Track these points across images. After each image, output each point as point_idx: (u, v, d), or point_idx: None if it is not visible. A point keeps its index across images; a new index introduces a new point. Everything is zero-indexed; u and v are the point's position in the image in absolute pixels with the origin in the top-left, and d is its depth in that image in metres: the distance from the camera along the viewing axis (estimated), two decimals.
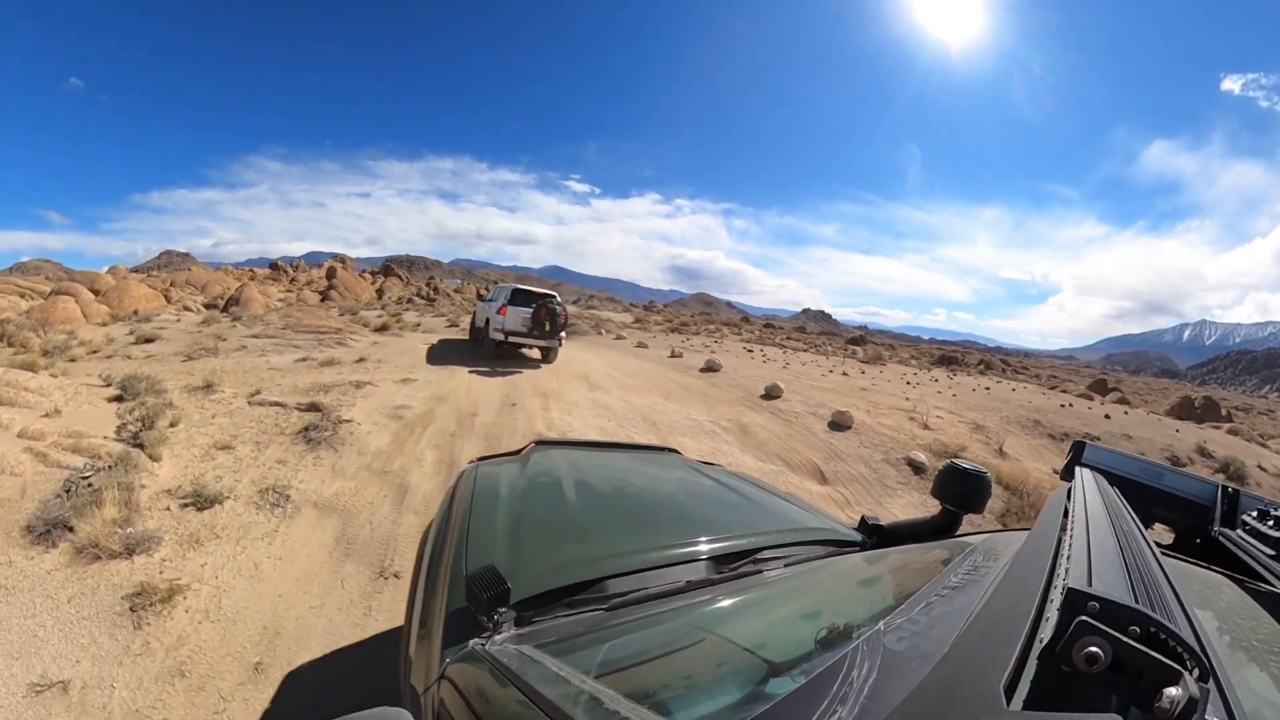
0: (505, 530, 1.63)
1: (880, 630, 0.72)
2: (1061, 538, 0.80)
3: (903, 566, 1.41)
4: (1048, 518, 0.98)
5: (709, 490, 2.28)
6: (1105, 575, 0.57)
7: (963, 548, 1.29)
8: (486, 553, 1.48)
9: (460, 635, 1.18)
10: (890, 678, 0.57)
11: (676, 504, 2.13)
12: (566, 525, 1.77)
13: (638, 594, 1.31)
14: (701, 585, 1.35)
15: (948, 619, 0.72)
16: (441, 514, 1.94)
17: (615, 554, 1.50)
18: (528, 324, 10.80)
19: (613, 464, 2.54)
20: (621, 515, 1.95)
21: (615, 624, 1.18)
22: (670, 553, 1.53)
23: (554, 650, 1.03)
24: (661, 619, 1.19)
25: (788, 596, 1.33)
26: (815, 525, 1.93)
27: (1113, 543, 0.73)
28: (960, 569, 1.05)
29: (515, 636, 1.14)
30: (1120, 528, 0.84)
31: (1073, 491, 1.08)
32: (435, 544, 1.73)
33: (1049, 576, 0.65)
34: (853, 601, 1.27)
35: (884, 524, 1.87)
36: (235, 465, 4.91)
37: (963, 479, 1.76)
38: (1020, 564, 0.77)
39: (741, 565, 1.50)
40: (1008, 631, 0.53)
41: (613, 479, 2.32)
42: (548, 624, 1.22)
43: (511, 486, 1.97)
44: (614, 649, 1.09)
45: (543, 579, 1.36)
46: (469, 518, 1.71)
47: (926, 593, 0.91)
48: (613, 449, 2.96)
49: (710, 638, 1.12)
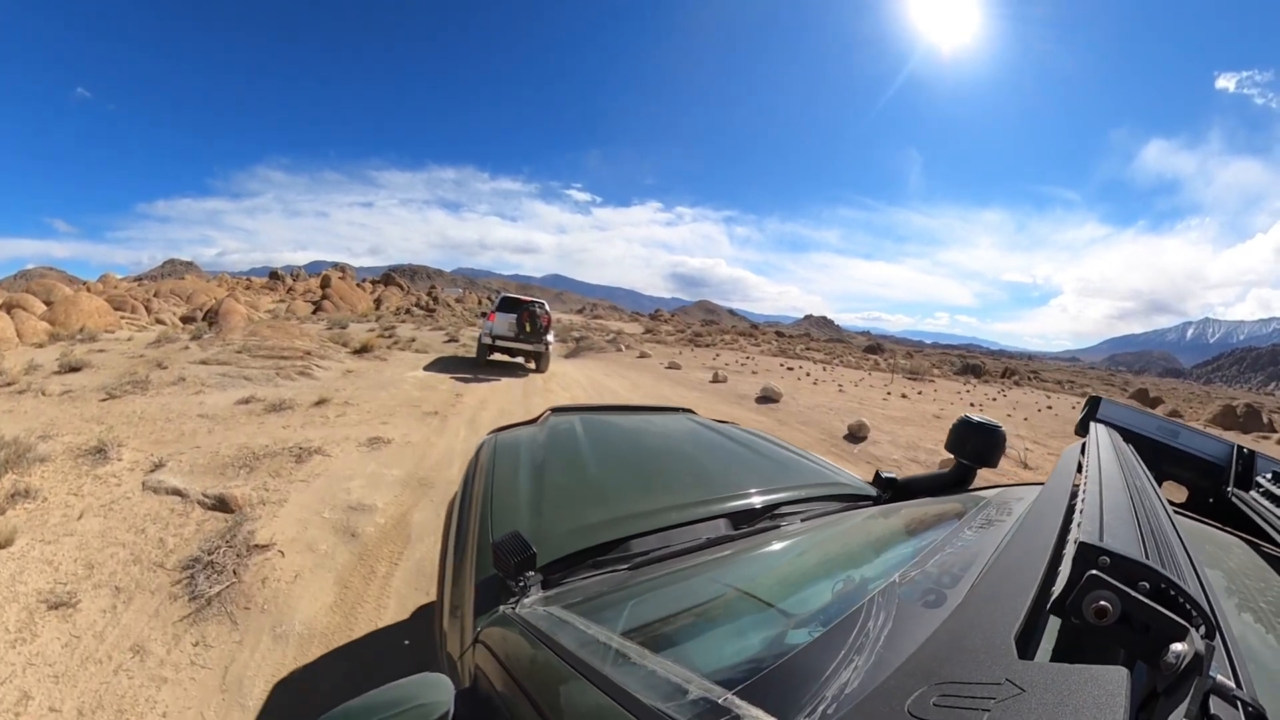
0: (527, 497, 1.65)
1: (895, 582, 0.75)
2: (1074, 493, 0.78)
3: (917, 520, 1.40)
4: (1061, 472, 0.99)
5: (725, 448, 2.27)
6: (1117, 531, 0.57)
7: (976, 501, 1.30)
8: (510, 520, 1.49)
9: (490, 601, 1.19)
10: (905, 627, 0.59)
11: (694, 463, 2.11)
12: (587, 488, 1.79)
13: (659, 552, 1.32)
14: (721, 541, 1.37)
15: (961, 571, 0.75)
16: (463, 486, 1.94)
17: (636, 514, 1.52)
18: (513, 328, 11.10)
19: (629, 426, 2.55)
20: (640, 476, 1.96)
21: (639, 582, 1.20)
22: (689, 511, 1.54)
23: (581, 610, 1.05)
24: (683, 575, 1.21)
25: (805, 550, 1.35)
26: (831, 480, 1.94)
27: (1125, 499, 0.72)
28: (974, 522, 1.07)
29: (543, 599, 1.16)
30: (1133, 484, 0.83)
31: (1087, 447, 1.07)
32: (460, 516, 1.74)
33: (1061, 530, 0.65)
34: (869, 554, 1.27)
35: (899, 478, 1.84)
36: (52, 678, 2.41)
37: (976, 433, 1.72)
38: (1033, 518, 0.79)
39: (759, 521, 1.52)
40: (1020, 584, 0.54)
41: (630, 441, 2.35)
42: (574, 585, 1.24)
43: (531, 453, 1.97)
44: (639, 606, 1.11)
45: (567, 542, 1.38)
46: (491, 487, 1.72)
47: (940, 545, 0.93)
48: (628, 411, 2.95)
49: (731, 592, 1.12)
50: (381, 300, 45.60)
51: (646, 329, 37.96)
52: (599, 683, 0.72)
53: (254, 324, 19.63)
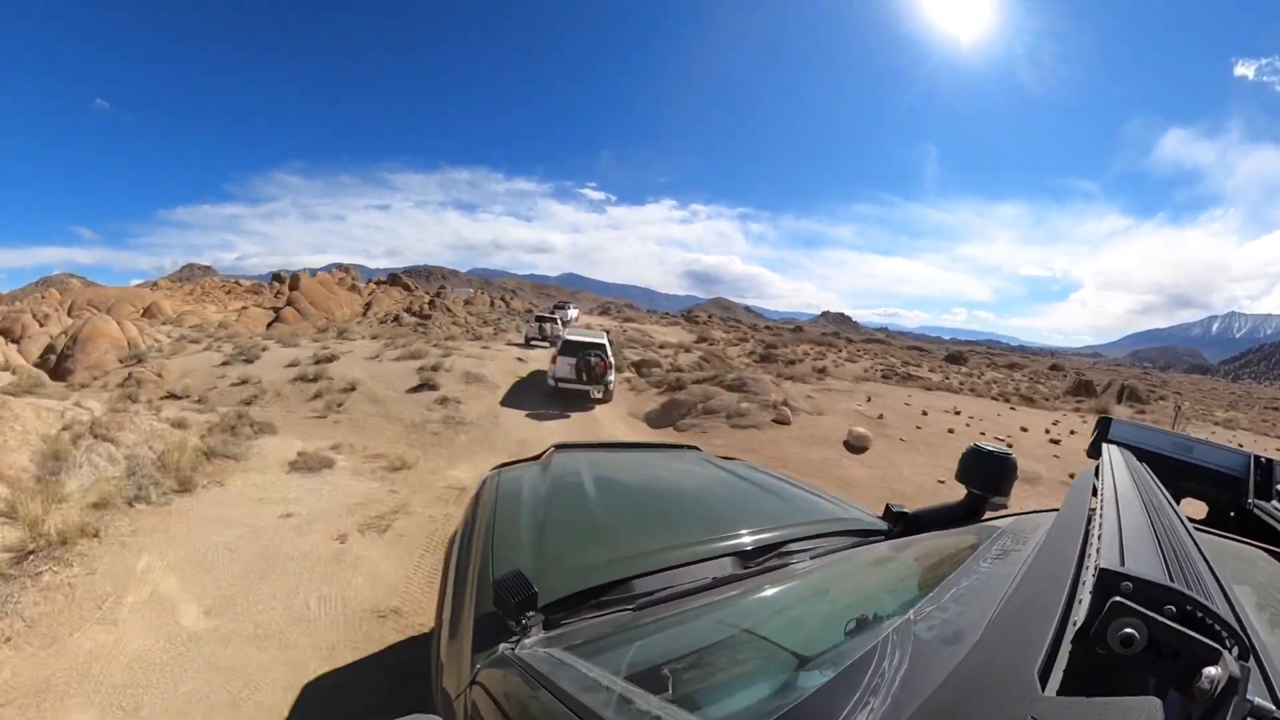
0: (530, 534, 1.61)
1: (910, 619, 0.72)
2: (1091, 517, 0.76)
3: (931, 553, 1.37)
4: (1076, 497, 0.96)
5: (732, 485, 2.22)
6: (1138, 554, 0.56)
7: (990, 532, 1.25)
8: (512, 557, 1.46)
9: (490, 639, 1.16)
10: (922, 666, 0.56)
11: (700, 500, 2.08)
12: (590, 527, 1.74)
13: (664, 592, 1.29)
14: (728, 581, 1.33)
15: (978, 605, 0.71)
16: (465, 521, 1.91)
17: (640, 553, 1.48)
18: (573, 371, 11.48)
19: (633, 464, 2.52)
20: (645, 514, 1.92)
21: (643, 623, 1.17)
22: (695, 550, 1.50)
23: (583, 652, 1.02)
24: (689, 616, 1.18)
25: (815, 588, 1.31)
26: (841, 515, 1.89)
27: (1144, 520, 0.70)
28: (989, 553, 1.04)
29: (544, 640, 1.12)
30: (1151, 504, 0.81)
31: (1101, 469, 1.04)
32: (461, 551, 1.71)
33: (1080, 557, 0.63)
34: (881, 591, 1.24)
35: (909, 511, 1.77)
36: None
37: (987, 462, 1.66)
38: (1050, 546, 0.76)
39: (767, 559, 1.48)
40: (1040, 615, 0.52)
41: (634, 478, 2.29)
42: (576, 626, 1.20)
43: (534, 490, 1.93)
44: (643, 648, 1.08)
45: (569, 581, 1.34)
46: (493, 523, 1.69)
47: (956, 579, 0.89)
48: (632, 449, 2.95)
49: (739, 633, 1.10)
50: (372, 304, 40.38)
51: (699, 338, 28.02)
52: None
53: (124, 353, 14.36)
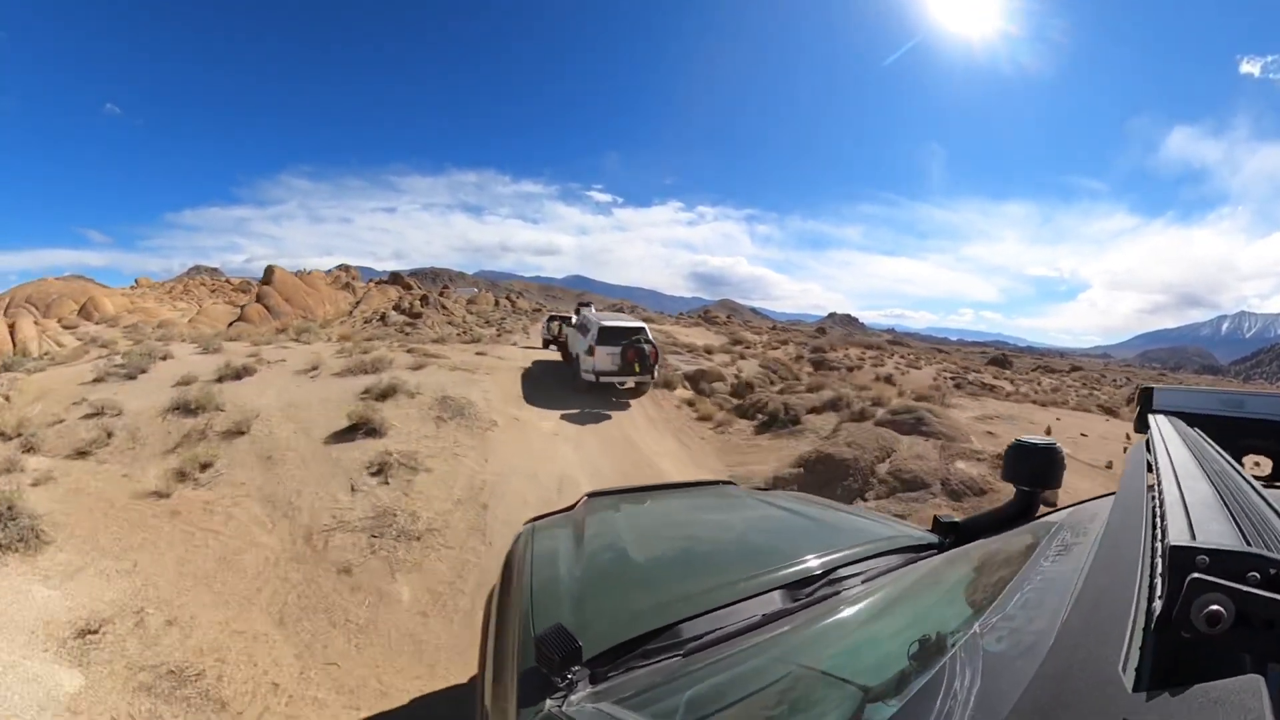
0: (569, 587, 1.58)
1: (976, 633, 0.69)
2: (1150, 494, 0.73)
3: (988, 560, 1.32)
4: (1131, 476, 0.92)
5: (772, 517, 2.17)
6: (1208, 524, 0.52)
7: (1047, 528, 1.20)
8: (552, 611, 1.43)
9: (535, 695, 1.14)
10: (996, 683, 0.54)
11: (741, 536, 2.04)
12: (630, 573, 1.71)
13: (713, 635, 1.25)
14: (778, 616, 1.30)
15: (1047, 607, 0.68)
16: (502, 577, 1.89)
17: (684, 596, 1.45)
18: (616, 362, 10.25)
19: (669, 505, 2.48)
20: (685, 555, 1.88)
21: (694, 669, 1.14)
22: (741, 587, 1.46)
23: (634, 704, 0.98)
24: (742, 657, 1.14)
25: (871, 613, 1.27)
26: (887, 534, 1.83)
27: (1207, 487, 0.66)
28: (1050, 551, 1.00)
29: (592, 695, 1.09)
30: (1211, 469, 0.76)
31: (1151, 443, 1.00)
32: (500, 608, 1.69)
33: (1147, 539, 0.60)
34: (942, 607, 1.19)
35: (959, 520, 1.71)
36: None
37: (1031, 455, 1.58)
38: (1113, 532, 0.73)
39: (817, 588, 1.43)
40: (1114, 608, 0.50)
41: (671, 520, 2.26)
42: (624, 678, 1.17)
43: (569, 541, 1.90)
44: (696, 696, 1.04)
45: (613, 631, 1.31)
46: (531, 578, 1.66)
47: (1018, 583, 0.86)
48: (666, 490, 2.92)
49: (796, 669, 1.06)
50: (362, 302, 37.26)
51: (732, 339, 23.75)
52: None
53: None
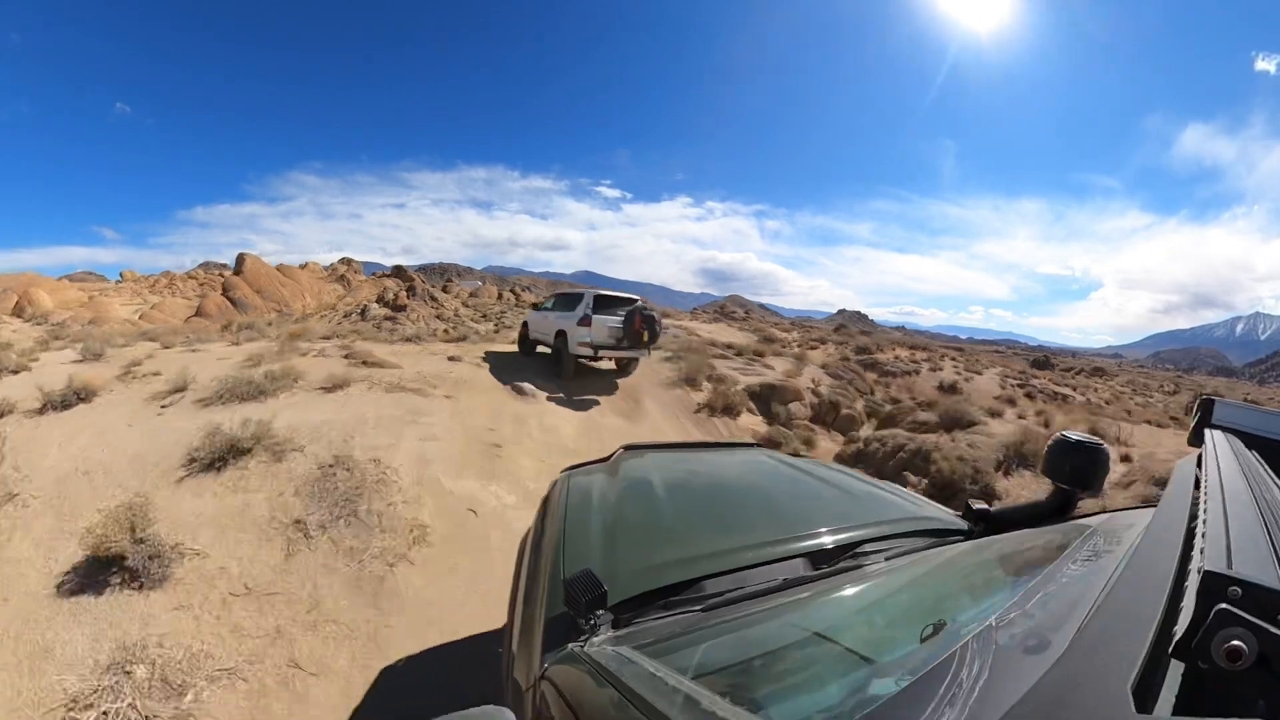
0: (600, 535, 1.63)
1: (991, 625, 0.69)
2: (1194, 513, 0.72)
3: (1014, 555, 1.31)
4: (1176, 491, 0.90)
5: (803, 484, 2.19)
6: (1248, 554, 0.50)
7: (1081, 531, 1.17)
8: (583, 557, 1.48)
9: (560, 637, 1.20)
10: (1003, 678, 0.53)
11: (770, 500, 2.06)
12: (660, 527, 1.75)
13: (734, 594, 1.29)
14: (799, 582, 1.32)
15: (1066, 611, 0.67)
16: (537, 521, 1.99)
17: (710, 554, 1.48)
18: (617, 334, 9.16)
19: (703, 463, 2.53)
20: (715, 514, 1.92)
21: (712, 624, 1.17)
22: (766, 550, 1.49)
23: (651, 651, 1.02)
24: (759, 618, 1.17)
25: (890, 591, 1.28)
26: (918, 514, 1.83)
27: (1255, 515, 0.63)
28: (1079, 555, 0.97)
29: (613, 638, 1.14)
30: (1264, 497, 0.73)
31: (1204, 458, 0.97)
32: (533, 550, 1.78)
33: (1181, 559, 0.59)
34: (960, 594, 1.20)
35: (991, 509, 1.69)
36: None
37: (1075, 453, 1.52)
38: (1147, 546, 0.71)
39: (840, 560, 1.45)
40: (1135, 624, 0.49)
41: (704, 478, 2.31)
42: (645, 625, 1.22)
43: (603, 492, 1.96)
44: (711, 649, 1.08)
45: (638, 581, 1.35)
46: (564, 524, 1.72)
47: (1042, 583, 0.85)
48: (701, 448, 2.96)
49: (809, 637, 1.09)
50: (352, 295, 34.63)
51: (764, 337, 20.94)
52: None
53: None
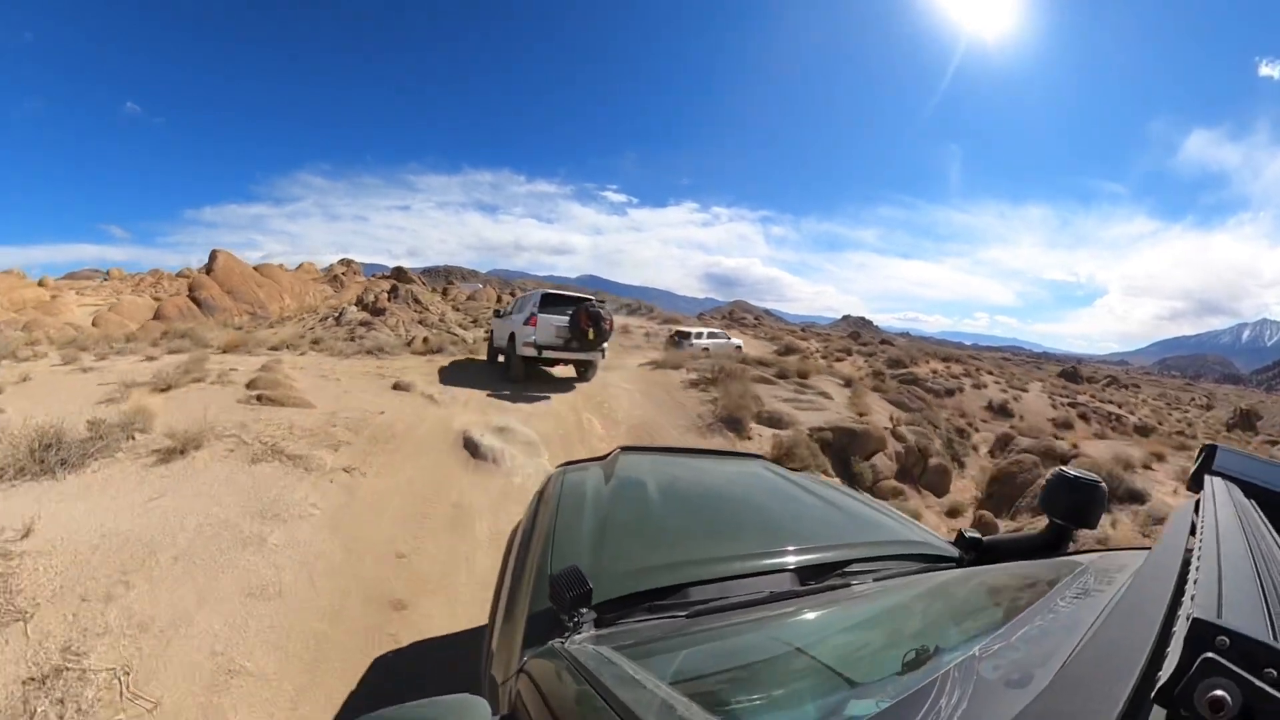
0: (590, 533, 1.62)
1: (975, 656, 0.69)
2: (1188, 559, 0.70)
3: (1003, 586, 1.31)
4: (1172, 535, 0.90)
5: (797, 498, 2.17)
6: (1238, 605, 0.51)
7: (1072, 567, 1.17)
8: (571, 554, 1.47)
9: (541, 632, 1.19)
10: (981, 710, 0.54)
11: (763, 512, 2.05)
12: (650, 530, 1.75)
13: (719, 602, 1.28)
14: (785, 597, 1.32)
15: (1051, 648, 0.66)
16: (529, 515, 1.96)
17: (698, 561, 1.48)
18: (564, 334, 8.83)
19: (698, 470, 2.50)
20: (706, 522, 1.91)
21: (695, 631, 1.17)
22: (755, 562, 1.48)
23: (632, 653, 1.02)
24: (742, 629, 1.17)
25: (876, 613, 1.28)
26: (909, 538, 1.81)
27: (1249, 566, 0.64)
28: (1068, 591, 0.98)
29: (594, 637, 1.13)
30: (1259, 549, 0.72)
31: (1201, 505, 0.96)
32: (522, 543, 1.74)
33: (1171, 604, 0.58)
34: (946, 622, 1.19)
35: (984, 539, 1.69)
36: None
37: (1073, 489, 1.52)
38: (1138, 588, 0.72)
39: (828, 578, 1.44)
40: (1120, 666, 0.49)
41: (698, 485, 2.29)
42: (627, 627, 1.21)
43: (597, 490, 1.95)
44: (692, 656, 1.08)
45: (625, 582, 1.35)
46: (555, 519, 1.71)
47: (1028, 616, 0.85)
48: (698, 455, 2.95)
49: (791, 652, 1.08)
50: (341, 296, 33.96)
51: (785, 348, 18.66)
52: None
53: None
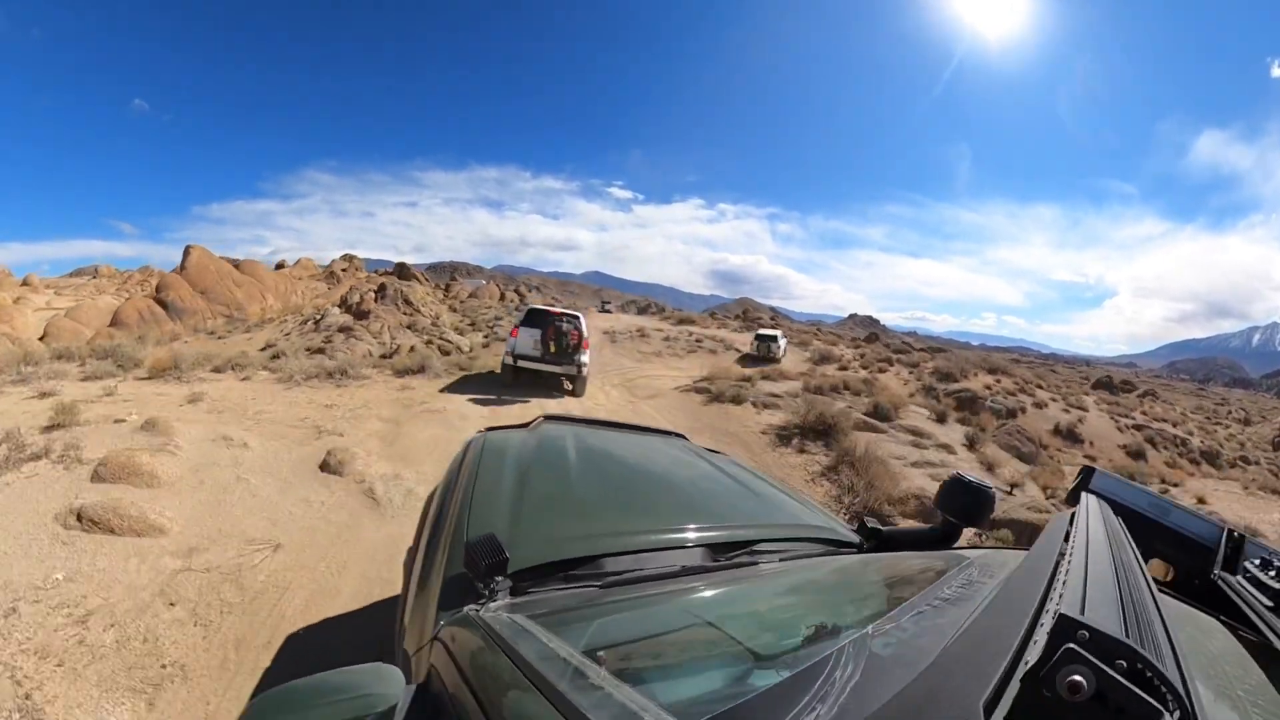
0: (508, 500, 1.61)
1: (868, 634, 0.72)
2: (1059, 562, 0.76)
3: (897, 573, 1.38)
4: (1047, 541, 0.96)
5: (712, 478, 2.21)
6: (1098, 605, 0.56)
7: (959, 561, 1.25)
8: (488, 521, 1.45)
9: (456, 600, 1.17)
10: (872, 682, 0.57)
11: (679, 488, 2.08)
12: (568, 500, 1.75)
13: (633, 574, 1.29)
14: (696, 571, 1.34)
15: (936, 630, 0.71)
16: (447, 480, 1.91)
17: (614, 533, 1.49)
18: (537, 346, 9.82)
19: (619, 443, 2.50)
20: (623, 495, 1.93)
21: (608, 602, 1.18)
22: (668, 536, 1.51)
23: (546, 622, 1.02)
24: (654, 601, 1.20)
25: (780, 591, 1.33)
26: (815, 523, 1.88)
27: (1110, 573, 0.70)
28: (954, 582, 1.04)
29: (509, 605, 1.13)
30: (1120, 559, 0.81)
31: (1076, 517, 1.05)
32: (439, 509, 1.71)
33: (1042, 600, 0.63)
34: (844, 603, 1.25)
35: (884, 529, 1.78)
36: None
37: (965, 492, 1.67)
38: (1014, 584, 0.76)
39: (737, 555, 1.48)
40: (994, 650, 0.53)
41: (618, 458, 2.29)
42: (542, 596, 1.22)
43: (518, 457, 1.92)
44: (604, 626, 1.09)
45: (541, 551, 1.35)
46: (473, 485, 1.69)
47: (918, 602, 0.90)
48: (621, 429, 2.91)
49: (699, 624, 1.10)
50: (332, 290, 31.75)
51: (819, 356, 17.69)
52: (552, 698, 0.70)
53: None
